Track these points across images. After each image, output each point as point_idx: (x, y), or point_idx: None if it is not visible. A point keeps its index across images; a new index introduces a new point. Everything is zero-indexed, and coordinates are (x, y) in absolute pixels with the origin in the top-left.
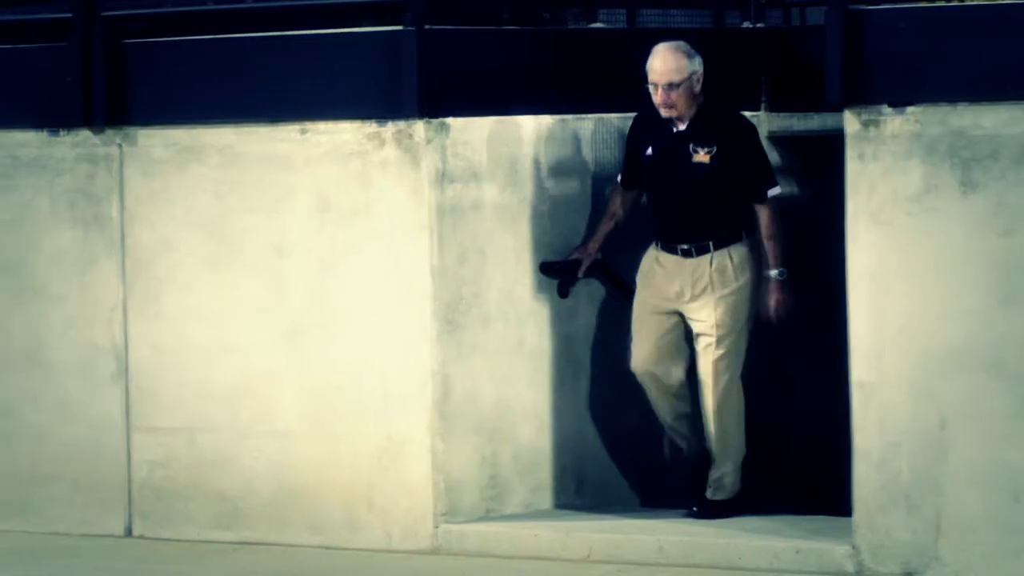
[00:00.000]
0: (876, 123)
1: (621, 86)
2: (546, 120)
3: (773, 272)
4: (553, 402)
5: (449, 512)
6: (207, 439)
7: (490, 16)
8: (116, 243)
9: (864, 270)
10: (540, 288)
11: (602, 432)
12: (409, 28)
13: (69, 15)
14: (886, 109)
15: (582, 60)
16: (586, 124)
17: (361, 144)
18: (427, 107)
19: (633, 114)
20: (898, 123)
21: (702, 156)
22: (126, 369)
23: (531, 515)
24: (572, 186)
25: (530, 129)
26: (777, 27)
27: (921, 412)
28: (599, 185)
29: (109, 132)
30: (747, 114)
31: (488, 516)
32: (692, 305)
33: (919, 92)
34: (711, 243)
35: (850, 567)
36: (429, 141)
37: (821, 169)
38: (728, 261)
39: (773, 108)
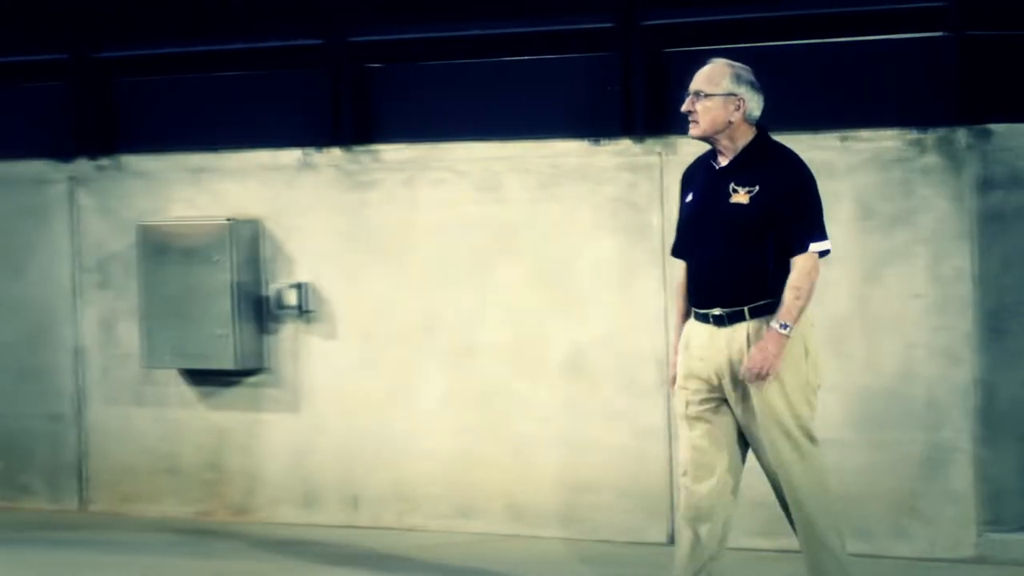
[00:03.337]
0: None
1: None
2: None
3: (775, 322)
4: None
5: (993, 521)
6: None
7: None
8: (658, 251)
9: None
10: None
11: None
12: (949, 34)
13: (610, 24)
14: None
15: None
16: None
17: (902, 151)
18: (968, 113)
19: None
20: None
21: (741, 196)
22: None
23: None
24: None
25: None
26: None
27: None
28: None
29: (649, 141)
30: None
31: None
32: (735, 393)
33: None
34: (746, 309)
35: None
36: (971, 147)
37: None
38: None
39: None
